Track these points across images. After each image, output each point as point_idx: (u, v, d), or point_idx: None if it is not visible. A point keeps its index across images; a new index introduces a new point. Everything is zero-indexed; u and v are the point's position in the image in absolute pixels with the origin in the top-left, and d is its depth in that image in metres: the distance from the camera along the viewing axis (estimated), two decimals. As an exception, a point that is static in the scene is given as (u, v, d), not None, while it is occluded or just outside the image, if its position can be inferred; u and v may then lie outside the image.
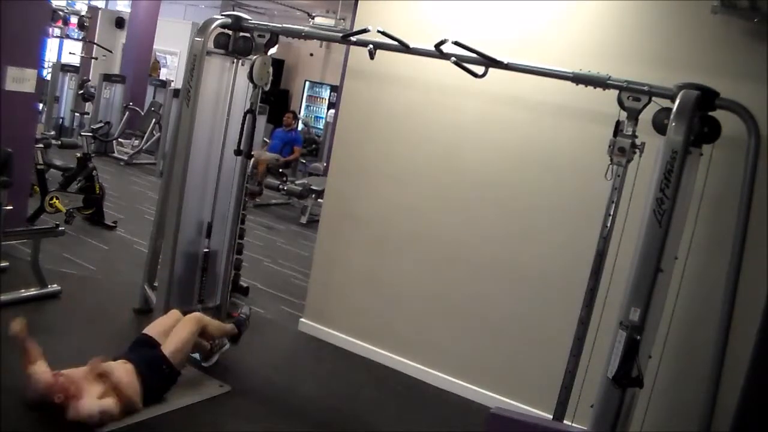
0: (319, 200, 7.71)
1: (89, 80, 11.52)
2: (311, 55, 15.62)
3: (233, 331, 3.93)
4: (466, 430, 3.83)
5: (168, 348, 3.45)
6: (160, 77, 13.69)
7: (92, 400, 3.04)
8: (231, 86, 4.37)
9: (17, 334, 3.16)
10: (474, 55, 3.47)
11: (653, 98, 3.11)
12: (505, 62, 3.47)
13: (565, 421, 3.36)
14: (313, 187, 8.23)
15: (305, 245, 7.06)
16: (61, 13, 11.57)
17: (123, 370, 3.24)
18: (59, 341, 3.97)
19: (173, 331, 3.55)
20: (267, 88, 4.42)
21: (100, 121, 9.37)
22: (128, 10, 13.26)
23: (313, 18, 11.56)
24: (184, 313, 3.74)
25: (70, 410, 3.00)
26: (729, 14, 3.21)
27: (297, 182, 8.73)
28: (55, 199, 6.01)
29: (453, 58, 3.50)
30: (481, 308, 4.13)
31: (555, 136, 3.88)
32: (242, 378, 3.89)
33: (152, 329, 3.59)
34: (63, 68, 11.00)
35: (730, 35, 3.34)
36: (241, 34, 4.29)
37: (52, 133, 8.44)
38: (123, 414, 3.14)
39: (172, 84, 12.26)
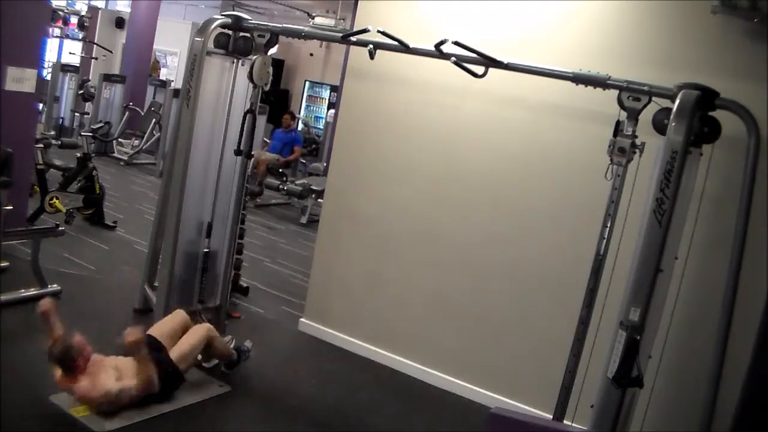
0: (319, 200, 7.71)
1: (89, 80, 11.52)
2: (311, 55, 15.63)
3: (233, 356, 3.90)
4: (466, 430, 3.83)
5: (175, 352, 3.49)
6: (160, 77, 13.69)
7: (110, 380, 3.18)
8: (231, 86, 4.37)
9: (46, 310, 3.24)
10: (474, 55, 3.47)
11: (653, 98, 3.11)
12: (505, 62, 3.47)
13: (565, 421, 3.36)
14: (313, 187, 8.23)
15: (305, 245, 7.06)
16: (61, 13, 11.56)
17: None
18: (59, 341, 3.97)
19: (183, 337, 3.57)
20: (267, 88, 4.42)
21: (100, 121, 9.38)
22: (128, 10, 13.27)
23: (313, 18, 11.52)
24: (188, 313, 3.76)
25: (82, 386, 3.10)
26: (729, 14, 3.21)
27: (297, 182, 8.73)
28: (55, 199, 6.01)
29: (453, 58, 3.50)
30: (481, 308, 4.13)
31: (555, 136, 3.88)
32: (242, 378, 3.89)
33: (156, 330, 3.60)
34: (63, 68, 10.99)
35: (730, 35, 3.34)
36: (241, 34, 4.29)
37: (52, 133, 8.46)
38: (142, 392, 3.26)
39: (172, 84, 12.26)
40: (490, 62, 3.48)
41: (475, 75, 3.53)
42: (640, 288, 2.86)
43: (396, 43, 3.67)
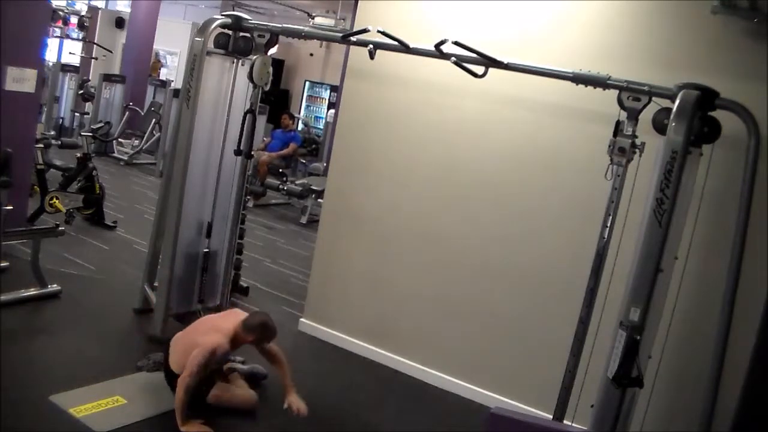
0: (319, 200, 7.71)
1: (89, 80, 11.51)
2: (311, 55, 15.62)
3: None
4: (466, 430, 3.83)
5: None
6: (160, 77, 13.68)
7: None
8: (231, 86, 4.37)
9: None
10: (474, 55, 3.48)
11: (653, 98, 3.11)
12: (505, 62, 3.47)
13: (565, 421, 3.36)
14: (313, 187, 8.23)
15: (305, 245, 7.06)
16: (61, 13, 11.56)
17: None
18: (59, 341, 3.97)
19: None
20: (267, 88, 4.43)
21: (100, 121, 9.37)
22: (128, 10, 13.26)
23: (313, 18, 11.54)
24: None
25: None
26: (729, 14, 3.21)
27: (297, 182, 8.73)
28: (55, 199, 6.01)
29: (453, 58, 3.50)
30: (481, 308, 4.13)
31: (555, 136, 3.88)
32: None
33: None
34: (63, 68, 10.99)
35: (730, 35, 3.34)
36: (241, 34, 4.29)
37: (52, 133, 8.44)
38: None
39: (172, 84, 12.25)
40: (490, 62, 3.48)
41: (475, 75, 3.53)
42: (640, 288, 2.86)
43: (396, 43, 3.68)
